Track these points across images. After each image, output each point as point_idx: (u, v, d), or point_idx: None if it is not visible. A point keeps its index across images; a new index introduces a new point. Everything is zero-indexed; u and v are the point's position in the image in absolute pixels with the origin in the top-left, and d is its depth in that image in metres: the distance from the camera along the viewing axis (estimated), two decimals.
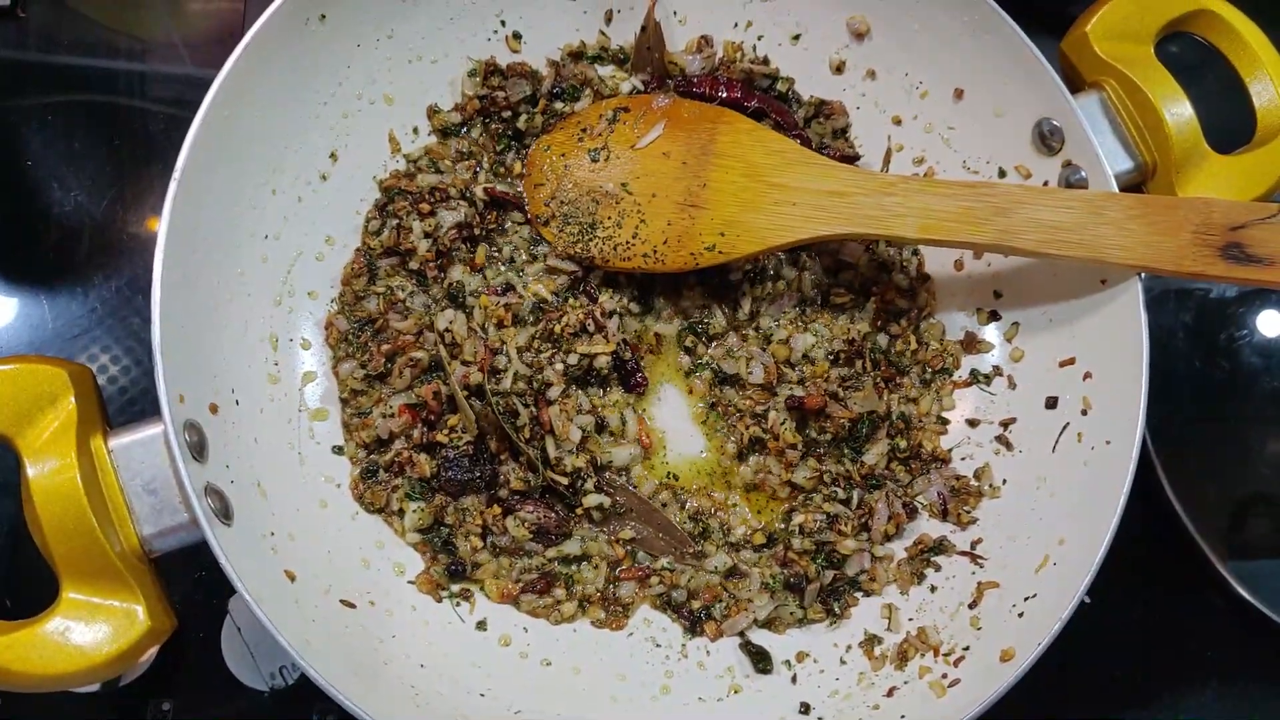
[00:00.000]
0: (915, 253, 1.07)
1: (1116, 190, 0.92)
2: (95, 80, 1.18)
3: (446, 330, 0.95)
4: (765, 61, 1.08)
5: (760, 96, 1.06)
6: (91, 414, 0.76)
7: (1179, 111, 0.94)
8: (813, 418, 0.99)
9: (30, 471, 0.72)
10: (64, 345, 1.07)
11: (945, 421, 1.03)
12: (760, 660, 0.92)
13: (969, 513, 0.97)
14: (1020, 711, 0.81)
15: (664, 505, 0.97)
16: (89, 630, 0.73)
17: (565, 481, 0.93)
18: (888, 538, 0.97)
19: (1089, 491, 0.89)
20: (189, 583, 0.98)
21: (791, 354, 1.01)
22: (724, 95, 1.04)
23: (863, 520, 0.97)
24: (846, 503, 0.97)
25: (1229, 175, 0.95)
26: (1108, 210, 0.89)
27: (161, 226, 0.80)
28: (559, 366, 0.95)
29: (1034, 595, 0.87)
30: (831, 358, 1.01)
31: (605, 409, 0.98)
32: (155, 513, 0.76)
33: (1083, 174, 0.94)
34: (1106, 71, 0.97)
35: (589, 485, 0.95)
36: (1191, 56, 1.04)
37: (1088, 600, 0.83)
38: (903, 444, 1.00)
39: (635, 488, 0.97)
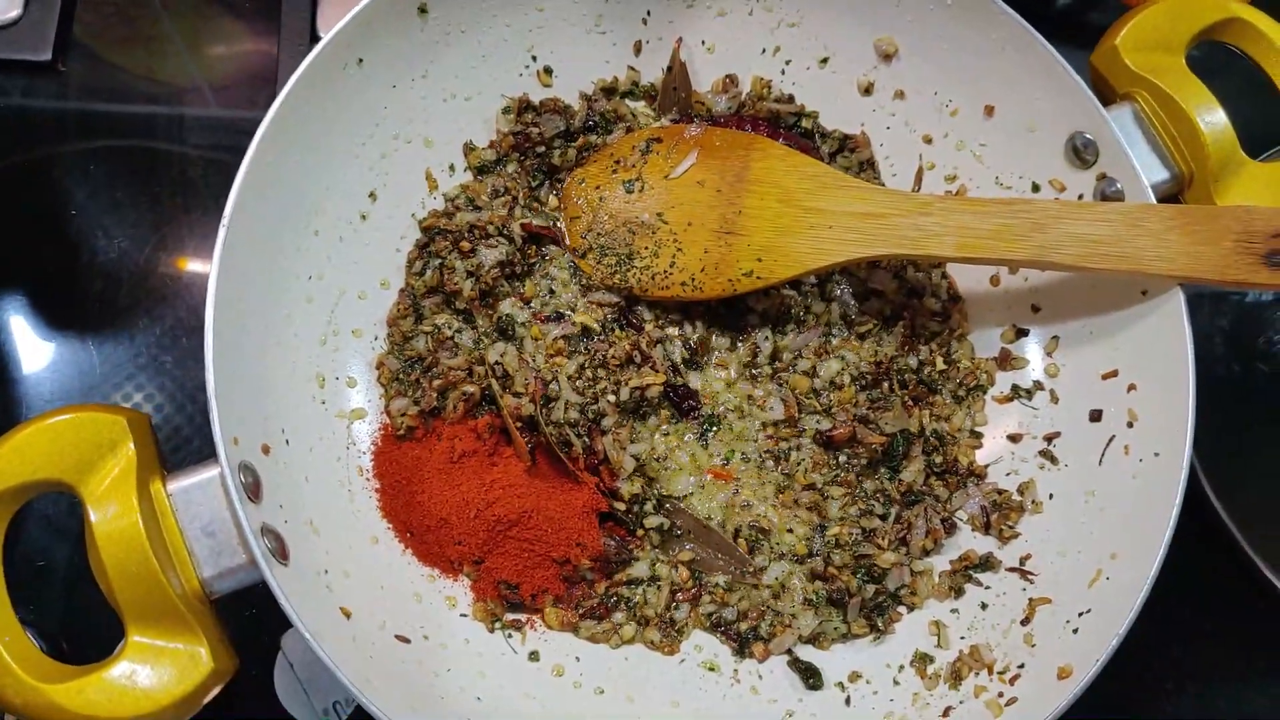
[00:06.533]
0: (944, 276, 1.07)
1: (1154, 201, 0.92)
2: (133, 129, 1.20)
3: (497, 363, 0.96)
4: (790, 100, 1.09)
5: (785, 134, 1.06)
6: (150, 459, 0.77)
7: (1213, 120, 0.95)
8: (844, 446, 0.99)
9: (93, 517, 0.73)
10: (111, 390, 1.09)
11: (978, 435, 1.02)
12: (810, 676, 0.92)
13: (1011, 527, 0.97)
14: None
15: (720, 525, 0.97)
16: (155, 673, 0.73)
17: (623, 507, 0.94)
18: (926, 552, 0.97)
19: (1139, 504, 0.89)
20: (240, 620, 0.98)
21: (813, 384, 1.01)
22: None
23: (901, 535, 0.97)
24: (885, 518, 0.97)
25: (1267, 182, 0.95)
26: (1146, 222, 0.89)
27: (212, 272, 0.81)
28: (611, 399, 0.95)
29: (1088, 610, 0.87)
30: (858, 382, 1.01)
31: (668, 438, 0.98)
32: (214, 554, 0.77)
33: (1118, 186, 0.94)
34: (1138, 83, 0.98)
35: (648, 508, 0.95)
36: (1211, 61, 1.04)
37: None
38: (938, 459, 1.00)
39: (691, 511, 0.97)
